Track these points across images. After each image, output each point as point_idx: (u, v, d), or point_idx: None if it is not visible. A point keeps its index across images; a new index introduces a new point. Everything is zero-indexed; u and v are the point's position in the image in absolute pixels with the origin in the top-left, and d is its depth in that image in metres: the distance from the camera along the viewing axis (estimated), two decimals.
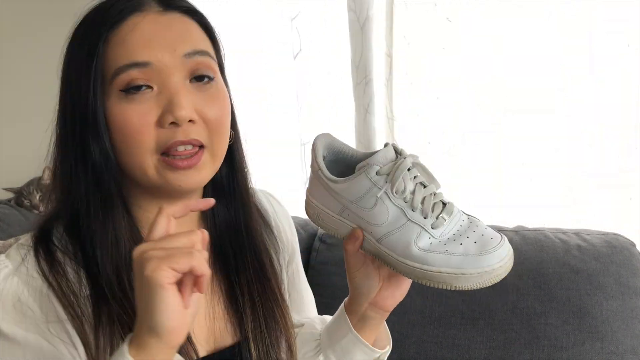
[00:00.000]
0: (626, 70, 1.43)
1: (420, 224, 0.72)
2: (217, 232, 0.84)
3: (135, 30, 0.72)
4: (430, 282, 0.71)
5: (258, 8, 1.75)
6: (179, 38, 0.74)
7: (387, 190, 0.72)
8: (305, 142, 1.74)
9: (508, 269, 0.71)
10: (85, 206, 0.73)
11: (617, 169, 1.48)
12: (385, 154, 0.73)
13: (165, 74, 0.72)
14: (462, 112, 1.57)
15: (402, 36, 1.56)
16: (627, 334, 1.26)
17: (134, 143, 0.72)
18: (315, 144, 0.78)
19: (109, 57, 0.72)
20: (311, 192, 0.80)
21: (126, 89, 0.71)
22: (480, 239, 0.71)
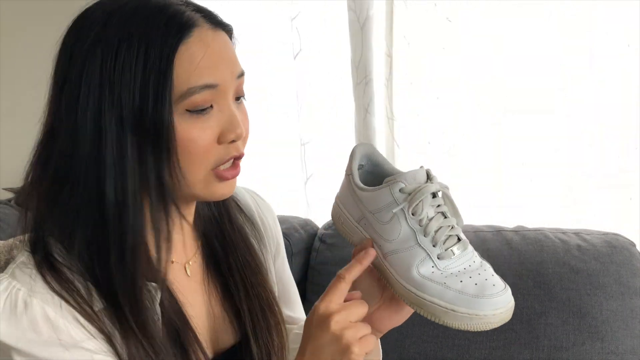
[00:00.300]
0: (626, 70, 1.43)
1: (427, 250, 0.72)
2: (206, 232, 0.86)
3: (204, 49, 0.72)
4: (421, 310, 0.72)
5: (258, 8, 1.75)
6: (233, 59, 0.77)
7: (404, 208, 0.72)
8: (305, 142, 1.73)
9: (503, 320, 0.70)
10: (137, 224, 0.72)
11: (617, 169, 1.48)
12: (415, 174, 0.74)
13: (226, 94, 0.74)
14: (462, 112, 1.57)
15: (402, 36, 1.56)
16: (627, 334, 1.26)
17: (197, 161, 0.73)
18: (354, 151, 0.80)
19: (178, 74, 0.71)
20: (340, 195, 0.81)
21: (194, 109, 0.72)
22: (482, 282, 0.70)
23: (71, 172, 0.71)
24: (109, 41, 0.70)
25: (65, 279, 0.71)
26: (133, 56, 0.70)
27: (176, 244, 0.81)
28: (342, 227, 0.81)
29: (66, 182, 0.72)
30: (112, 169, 0.70)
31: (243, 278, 0.86)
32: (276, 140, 1.81)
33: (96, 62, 0.70)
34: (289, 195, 1.84)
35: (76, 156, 0.71)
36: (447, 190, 0.75)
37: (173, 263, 0.81)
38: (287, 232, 1.46)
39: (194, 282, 0.84)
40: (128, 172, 0.71)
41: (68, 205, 0.72)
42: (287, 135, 1.80)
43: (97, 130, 0.70)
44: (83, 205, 0.71)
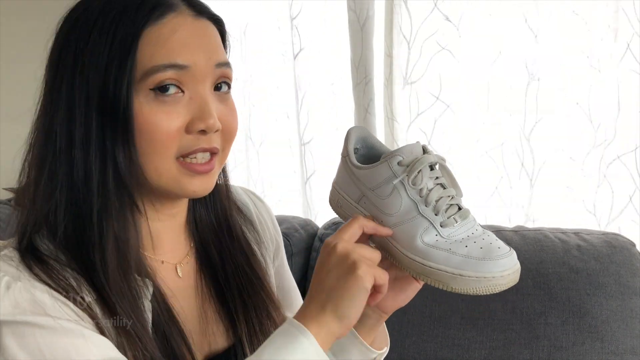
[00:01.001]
0: (626, 70, 1.43)
1: (429, 219, 0.72)
2: (201, 235, 0.84)
3: (177, 31, 0.71)
4: (428, 278, 0.71)
5: (258, 8, 1.75)
6: (212, 47, 0.74)
7: (403, 179, 0.72)
8: (305, 142, 1.73)
9: (511, 282, 0.70)
10: (100, 209, 0.71)
11: (617, 169, 1.48)
12: (412, 148, 0.74)
13: (198, 80, 0.72)
14: (462, 112, 1.57)
15: (402, 36, 1.56)
16: (627, 334, 1.26)
17: (159, 147, 0.71)
18: (349, 133, 0.80)
19: (143, 53, 0.70)
20: (336, 179, 0.81)
21: (158, 87, 0.70)
22: (487, 246, 0.70)
23: (48, 158, 0.71)
24: (86, 23, 0.71)
25: (53, 269, 0.69)
26: (103, 36, 0.70)
27: (165, 243, 0.80)
28: (341, 211, 0.80)
29: (45, 169, 0.72)
30: (80, 151, 0.70)
31: (240, 288, 0.84)
32: (276, 140, 1.82)
33: (71, 45, 0.71)
34: (289, 195, 1.84)
35: (52, 141, 0.71)
36: (444, 162, 0.75)
37: (163, 263, 0.80)
38: (287, 232, 1.46)
39: (185, 284, 0.82)
40: (91, 155, 0.70)
41: (47, 192, 0.71)
42: (287, 135, 1.80)
43: (69, 112, 0.71)
44: (59, 192, 0.71)
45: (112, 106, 0.69)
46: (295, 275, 1.43)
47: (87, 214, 0.71)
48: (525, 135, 1.52)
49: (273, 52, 1.76)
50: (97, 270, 0.70)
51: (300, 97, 1.71)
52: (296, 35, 1.68)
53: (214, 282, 0.84)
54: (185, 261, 0.83)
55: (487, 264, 0.69)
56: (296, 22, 1.67)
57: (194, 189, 0.74)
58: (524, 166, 1.54)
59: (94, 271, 0.70)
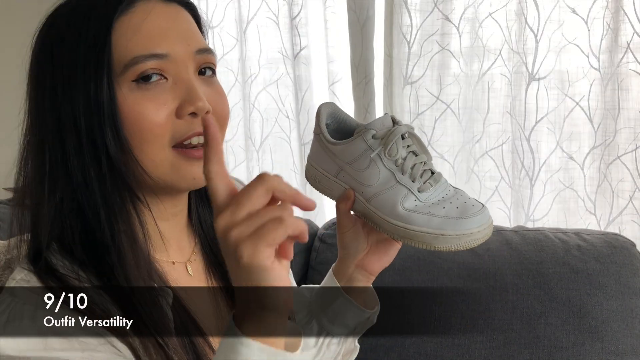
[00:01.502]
0: (626, 70, 1.43)
1: (407, 187, 0.76)
2: (207, 235, 0.84)
3: (150, 20, 0.70)
4: (412, 241, 0.75)
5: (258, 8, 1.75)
6: (189, 33, 0.74)
7: (380, 152, 0.76)
8: (305, 142, 1.73)
9: (486, 236, 0.75)
10: (105, 209, 0.70)
11: (617, 169, 1.48)
12: (382, 121, 0.78)
13: (180, 67, 0.71)
14: (462, 112, 1.57)
15: (402, 36, 1.56)
16: (627, 334, 1.26)
17: (150, 135, 0.69)
18: (319, 110, 0.83)
19: (118, 47, 0.69)
20: (311, 155, 0.84)
21: (140, 78, 0.69)
22: (462, 205, 0.75)
23: (45, 175, 0.70)
24: (58, 26, 0.71)
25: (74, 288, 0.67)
26: (76, 36, 0.69)
27: (172, 243, 0.80)
28: (320, 186, 0.83)
29: (44, 185, 0.70)
30: (75, 159, 0.69)
31: None
32: (276, 140, 1.82)
33: (47, 56, 0.71)
34: None
35: (45, 156, 0.70)
36: (413, 130, 0.79)
37: (174, 264, 0.80)
38: None
39: (197, 281, 0.83)
40: (86, 158, 0.69)
41: (51, 208, 0.70)
42: (287, 135, 1.80)
43: (58, 123, 0.70)
44: (64, 204, 0.70)
45: (97, 104, 0.68)
46: (295, 276, 1.43)
47: (95, 217, 0.70)
48: (525, 135, 1.52)
49: (273, 52, 1.76)
50: (118, 275, 0.69)
51: (300, 97, 1.71)
52: (296, 35, 1.68)
53: (223, 277, 0.84)
54: (193, 258, 0.83)
55: (465, 221, 0.74)
56: (296, 22, 1.67)
57: (193, 175, 0.72)
58: (524, 166, 1.54)
59: (114, 278, 0.69)
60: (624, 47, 1.42)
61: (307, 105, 1.71)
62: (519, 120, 1.52)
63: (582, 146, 1.50)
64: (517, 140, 1.54)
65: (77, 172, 0.70)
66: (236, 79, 1.81)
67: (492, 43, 1.53)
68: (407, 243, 0.76)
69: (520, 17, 1.48)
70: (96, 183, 0.70)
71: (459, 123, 1.57)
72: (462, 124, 1.57)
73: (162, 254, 0.79)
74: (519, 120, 1.52)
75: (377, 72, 1.64)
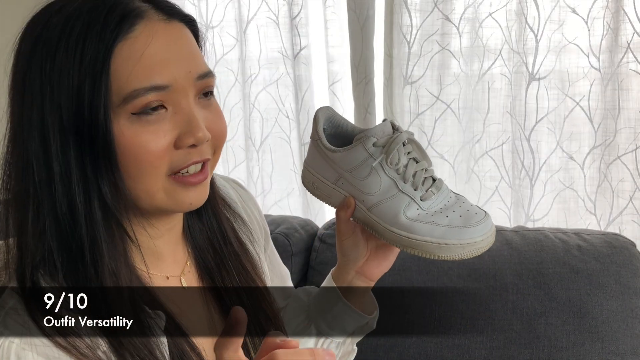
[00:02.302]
0: (626, 70, 1.43)
1: (410, 195, 0.75)
2: (197, 244, 0.82)
3: (151, 44, 0.66)
4: (415, 250, 0.75)
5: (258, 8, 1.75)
6: (190, 57, 0.70)
7: (381, 161, 0.75)
8: (305, 142, 1.73)
9: (489, 244, 0.75)
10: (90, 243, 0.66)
11: (617, 169, 1.48)
12: (382, 127, 0.77)
13: (181, 95, 0.68)
14: (462, 112, 1.57)
15: (402, 36, 1.56)
16: (627, 334, 1.26)
17: (148, 167, 0.67)
18: (317, 115, 0.82)
19: (118, 75, 0.65)
20: (308, 161, 0.83)
21: (140, 112, 0.66)
22: (465, 213, 0.75)
23: (30, 193, 0.67)
24: (49, 41, 0.65)
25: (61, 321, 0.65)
26: (71, 56, 0.64)
27: (166, 257, 0.79)
28: (318, 192, 0.82)
29: (28, 205, 0.67)
30: (61, 185, 0.66)
31: (238, 292, 0.82)
32: (276, 140, 1.81)
33: (35, 67, 0.66)
34: (289, 195, 1.84)
35: (29, 174, 0.66)
36: (413, 136, 0.78)
37: (168, 278, 0.79)
38: (287, 232, 1.46)
39: (191, 294, 0.81)
40: (73, 188, 0.66)
41: (36, 230, 0.67)
42: (287, 135, 1.80)
43: (44, 142, 0.66)
44: (48, 228, 0.66)
45: (90, 133, 0.65)
46: (295, 276, 1.43)
47: (79, 249, 0.67)
48: (525, 135, 1.52)
49: (273, 52, 1.76)
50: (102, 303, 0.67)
51: (300, 97, 1.71)
52: (296, 35, 1.68)
53: (215, 290, 0.83)
54: (187, 269, 0.82)
55: (469, 230, 0.74)
56: (296, 22, 1.67)
57: (190, 201, 0.71)
58: (524, 166, 1.54)
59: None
60: (624, 47, 1.42)
61: (307, 105, 1.71)
62: (519, 120, 1.52)
63: (582, 146, 1.50)
64: (517, 140, 1.54)
65: (63, 202, 0.66)
66: (236, 79, 1.81)
67: (492, 43, 1.52)
68: (411, 252, 0.75)
69: (520, 17, 1.48)
70: (82, 214, 0.66)
71: (459, 123, 1.57)
72: (462, 124, 1.57)
73: (157, 269, 0.78)
74: (519, 120, 1.52)
75: (377, 72, 1.64)
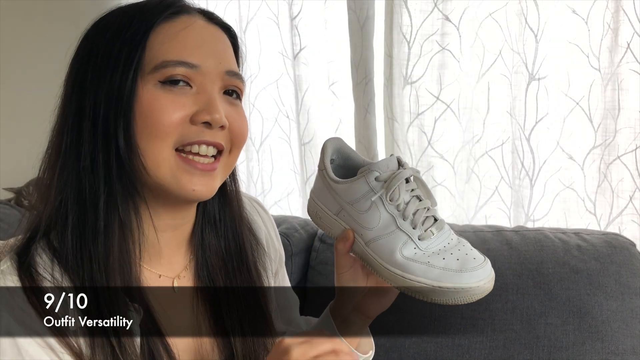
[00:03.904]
0: (626, 70, 1.43)
1: (408, 233, 0.74)
2: (207, 259, 0.83)
3: (188, 31, 0.73)
4: (409, 290, 0.73)
5: (258, 8, 1.75)
6: (224, 53, 0.76)
7: (381, 195, 0.74)
8: (305, 142, 1.73)
9: (486, 291, 0.72)
10: (106, 195, 0.71)
11: (617, 169, 1.48)
12: (387, 162, 0.76)
13: (207, 80, 0.73)
14: (462, 112, 1.57)
15: (402, 36, 1.56)
16: (627, 334, 1.26)
17: (160, 132, 0.71)
18: (325, 145, 0.81)
19: (154, 48, 0.72)
20: (314, 190, 0.82)
21: (167, 80, 0.71)
22: (463, 257, 0.73)
23: (60, 155, 0.72)
24: (105, 27, 0.74)
25: (43, 292, 0.68)
26: (118, 32, 0.72)
27: (163, 255, 0.79)
28: (320, 222, 0.82)
29: (57, 166, 0.73)
30: (88, 143, 0.71)
31: (241, 316, 0.83)
32: (276, 140, 1.82)
33: (89, 42, 0.74)
34: (289, 195, 1.84)
35: (63, 138, 0.73)
36: (419, 174, 0.77)
37: (160, 277, 0.79)
38: (287, 232, 1.46)
39: (181, 299, 0.81)
40: (98, 144, 0.71)
41: (58, 187, 0.72)
42: (287, 135, 1.80)
43: (80, 107, 0.72)
44: (69, 185, 0.72)
45: (118, 94, 0.70)
46: (295, 276, 1.43)
47: (94, 201, 0.71)
48: (525, 135, 1.52)
49: (273, 52, 1.76)
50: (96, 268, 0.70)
51: (300, 97, 1.71)
52: (296, 35, 1.68)
53: (212, 302, 0.83)
54: (183, 275, 0.82)
55: (464, 275, 0.71)
56: (296, 22, 1.67)
57: (193, 187, 0.73)
58: (524, 166, 1.54)
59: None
60: (624, 47, 1.42)
61: (307, 105, 1.71)
62: (519, 120, 1.52)
63: (582, 146, 1.50)
64: (517, 140, 1.54)
65: (87, 156, 0.71)
66: None
67: (492, 43, 1.53)
68: (404, 291, 0.74)
69: (520, 17, 1.48)
70: (102, 169, 0.71)
71: (459, 123, 1.57)
72: (462, 124, 1.57)
73: (150, 264, 0.78)
74: (519, 120, 1.52)
75: (377, 72, 1.64)
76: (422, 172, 1.59)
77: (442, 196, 1.61)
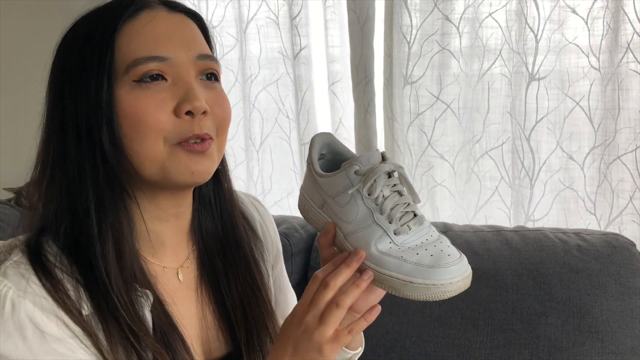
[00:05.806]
0: (626, 70, 1.43)
1: (383, 227, 0.74)
2: (205, 245, 0.85)
3: (152, 25, 0.73)
4: (382, 284, 0.73)
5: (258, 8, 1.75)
6: (191, 39, 0.76)
7: (359, 188, 0.74)
8: (305, 142, 1.73)
9: (460, 288, 0.72)
10: (95, 202, 0.72)
11: (617, 169, 1.48)
12: (369, 157, 0.76)
13: (181, 70, 0.74)
14: (462, 112, 1.57)
15: (402, 36, 1.56)
16: (627, 334, 1.26)
17: (147, 130, 0.71)
18: (313, 140, 0.82)
19: (122, 49, 0.72)
20: (303, 185, 0.83)
21: (141, 79, 0.72)
22: (437, 253, 0.72)
23: (48, 163, 0.74)
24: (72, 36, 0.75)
25: (56, 279, 0.71)
26: (87, 40, 0.73)
27: (167, 246, 0.81)
28: (308, 216, 0.82)
29: (46, 172, 0.74)
30: (73, 152, 0.73)
31: (242, 299, 0.85)
32: (276, 140, 1.82)
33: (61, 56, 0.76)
34: (289, 195, 1.84)
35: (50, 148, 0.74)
36: (402, 170, 0.77)
37: (165, 269, 0.81)
38: (287, 232, 1.46)
39: (186, 289, 0.83)
40: (83, 152, 0.73)
41: (49, 195, 0.74)
42: (287, 135, 1.80)
43: (61, 115, 0.74)
44: (60, 193, 0.73)
45: (97, 102, 0.71)
46: (295, 276, 1.43)
47: (85, 209, 0.72)
48: (525, 135, 1.52)
49: (273, 52, 1.76)
50: (97, 271, 0.71)
51: (300, 97, 1.71)
52: (296, 35, 1.68)
53: (215, 289, 0.85)
54: (186, 265, 0.83)
55: (436, 271, 0.71)
56: (296, 22, 1.67)
57: (191, 169, 0.74)
58: (524, 166, 1.54)
59: (94, 271, 0.72)
60: (624, 47, 1.42)
61: (307, 105, 1.71)
62: (519, 120, 1.52)
63: (582, 146, 1.50)
64: (517, 140, 1.54)
65: (74, 165, 0.73)
66: (236, 79, 1.82)
67: (492, 43, 1.53)
68: (377, 285, 0.74)
69: (520, 17, 1.48)
70: (89, 177, 0.72)
71: (459, 123, 1.57)
72: (462, 124, 1.57)
73: (154, 257, 0.80)
74: (519, 120, 1.52)
75: (377, 72, 1.64)
76: (422, 172, 1.59)
77: (442, 196, 1.61)
